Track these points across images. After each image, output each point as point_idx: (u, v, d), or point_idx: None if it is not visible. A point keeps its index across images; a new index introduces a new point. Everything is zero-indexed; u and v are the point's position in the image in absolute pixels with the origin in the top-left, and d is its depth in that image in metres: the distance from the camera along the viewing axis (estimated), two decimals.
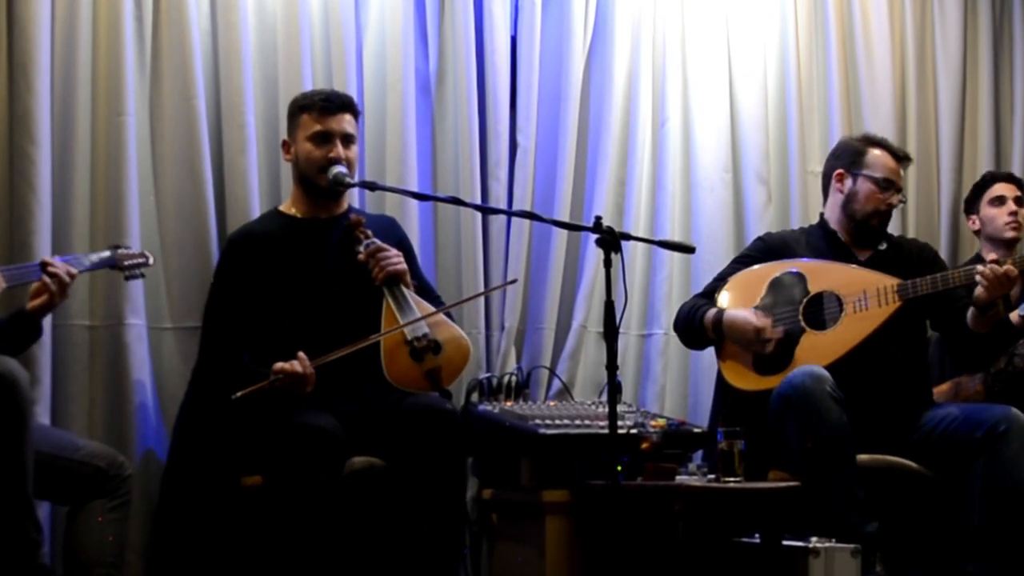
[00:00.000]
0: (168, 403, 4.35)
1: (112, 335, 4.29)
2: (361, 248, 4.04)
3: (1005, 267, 4.17)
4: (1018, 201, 5.01)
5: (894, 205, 4.52)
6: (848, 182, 4.53)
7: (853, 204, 4.51)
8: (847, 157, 4.58)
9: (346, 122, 4.13)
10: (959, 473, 4.18)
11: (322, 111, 4.11)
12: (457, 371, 4.07)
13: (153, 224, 4.44)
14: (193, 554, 4.11)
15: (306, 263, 4.08)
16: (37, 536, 3.51)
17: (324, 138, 4.09)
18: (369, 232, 4.10)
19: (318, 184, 4.10)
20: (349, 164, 4.10)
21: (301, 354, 3.83)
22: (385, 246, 4.06)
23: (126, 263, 3.93)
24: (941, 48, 5.77)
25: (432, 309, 4.05)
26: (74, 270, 3.71)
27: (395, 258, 4.04)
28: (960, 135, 5.79)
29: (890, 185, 4.50)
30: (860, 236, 4.53)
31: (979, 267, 4.19)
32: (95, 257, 3.89)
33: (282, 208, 4.23)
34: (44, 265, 3.66)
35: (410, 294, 4.03)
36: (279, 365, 3.81)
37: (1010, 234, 4.98)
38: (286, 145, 4.21)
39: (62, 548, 3.78)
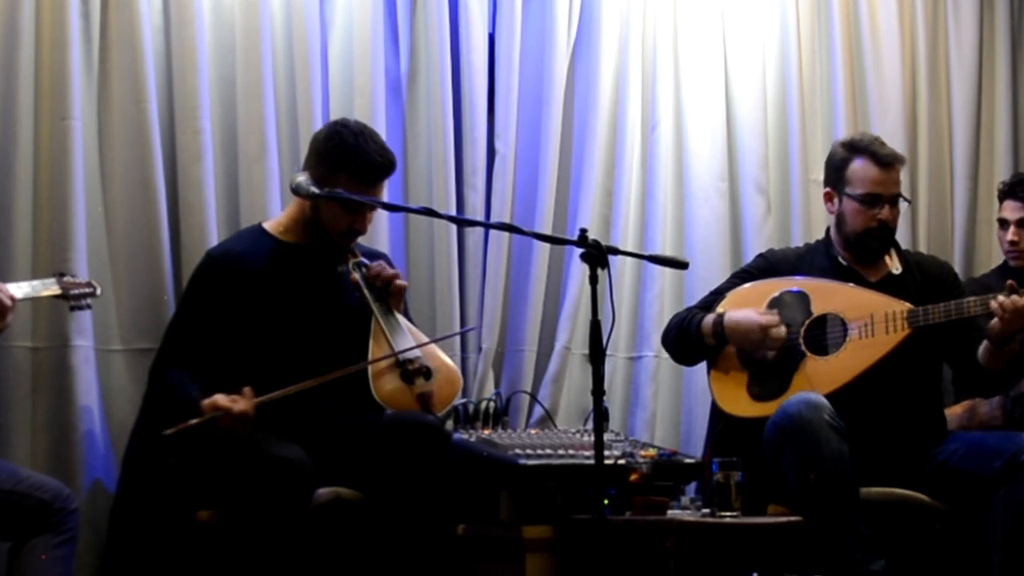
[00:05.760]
0: (117, 431, 4.37)
1: (57, 358, 4.31)
2: (350, 267, 4.14)
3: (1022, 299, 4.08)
4: (1022, 223, 4.92)
5: (887, 219, 4.44)
6: (836, 201, 4.52)
7: (844, 226, 4.49)
8: (832, 173, 4.54)
9: (382, 188, 4.19)
10: (975, 507, 4.19)
11: (365, 180, 4.10)
12: (448, 400, 4.17)
13: (101, 237, 4.46)
14: None
15: (292, 292, 4.13)
16: None
17: (357, 206, 4.11)
18: (356, 252, 4.20)
19: (333, 240, 4.17)
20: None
21: (247, 389, 3.88)
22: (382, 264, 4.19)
23: (72, 292, 3.89)
24: (955, 47, 5.79)
25: (422, 335, 4.18)
26: (16, 294, 3.68)
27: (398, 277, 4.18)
28: (975, 141, 5.81)
29: (875, 200, 4.42)
30: (862, 255, 4.50)
31: (993, 301, 4.11)
32: (38, 285, 3.85)
33: (268, 227, 4.25)
34: None
35: (401, 319, 4.15)
36: (219, 401, 3.85)
37: (1012, 263, 4.92)
38: (315, 171, 4.12)
39: None
